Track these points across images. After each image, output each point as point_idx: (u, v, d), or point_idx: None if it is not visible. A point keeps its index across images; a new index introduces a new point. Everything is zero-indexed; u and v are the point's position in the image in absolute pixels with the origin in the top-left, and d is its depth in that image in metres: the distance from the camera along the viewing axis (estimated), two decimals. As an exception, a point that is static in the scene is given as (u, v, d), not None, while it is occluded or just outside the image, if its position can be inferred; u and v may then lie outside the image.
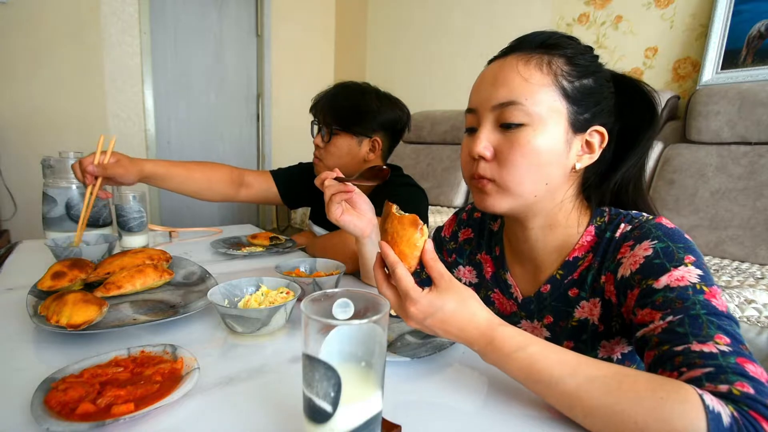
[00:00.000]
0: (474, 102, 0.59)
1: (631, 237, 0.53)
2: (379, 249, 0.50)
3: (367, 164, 1.16)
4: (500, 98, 0.54)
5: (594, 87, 0.55)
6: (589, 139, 0.56)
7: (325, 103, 1.12)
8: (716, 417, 0.35)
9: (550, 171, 0.55)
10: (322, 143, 1.12)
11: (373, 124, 1.13)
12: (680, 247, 0.49)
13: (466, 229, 0.78)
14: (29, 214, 2.50)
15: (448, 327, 0.48)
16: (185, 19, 3.08)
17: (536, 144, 0.53)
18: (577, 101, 0.54)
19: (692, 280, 0.46)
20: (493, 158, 0.56)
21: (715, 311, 0.43)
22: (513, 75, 0.54)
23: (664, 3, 1.91)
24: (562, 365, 0.43)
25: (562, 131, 0.54)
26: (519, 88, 0.53)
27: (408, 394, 0.49)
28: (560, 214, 0.59)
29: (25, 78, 2.51)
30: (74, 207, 1.02)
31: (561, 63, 0.54)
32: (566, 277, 0.60)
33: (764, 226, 1.43)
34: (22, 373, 0.49)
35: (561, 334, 0.61)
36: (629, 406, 0.38)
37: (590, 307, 0.58)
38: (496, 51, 0.62)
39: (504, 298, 0.68)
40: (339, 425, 0.33)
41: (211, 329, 0.64)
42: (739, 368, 0.39)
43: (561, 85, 0.53)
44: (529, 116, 0.53)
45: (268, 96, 3.41)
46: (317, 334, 0.33)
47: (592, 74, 0.55)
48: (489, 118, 0.56)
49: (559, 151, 0.54)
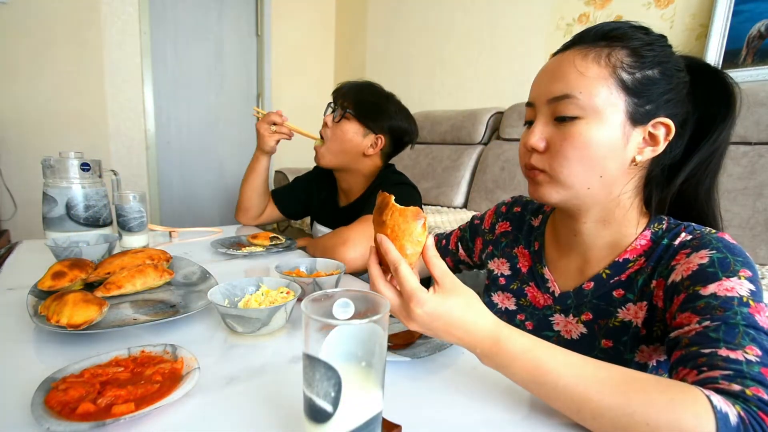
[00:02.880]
0: (532, 96, 0.60)
1: (690, 245, 0.53)
2: (375, 243, 0.47)
3: (364, 158, 1.17)
4: (555, 92, 0.55)
5: (659, 78, 0.53)
6: (653, 131, 0.54)
7: (350, 90, 1.17)
8: (724, 417, 0.35)
9: (605, 164, 0.54)
10: (331, 122, 1.16)
11: (383, 123, 1.18)
12: (739, 260, 0.48)
13: (504, 222, 0.78)
14: (29, 214, 2.50)
15: (453, 330, 0.45)
16: (185, 19, 3.08)
17: (589, 136, 0.53)
18: (638, 93, 0.53)
19: (741, 292, 0.45)
20: (546, 150, 0.57)
21: (755, 325, 0.42)
22: (569, 69, 0.54)
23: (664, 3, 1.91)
24: (569, 366, 0.42)
25: (618, 124, 0.53)
26: (574, 81, 0.54)
27: (408, 394, 0.49)
28: (617, 209, 0.59)
29: (25, 78, 2.50)
30: (74, 207, 1.02)
31: (622, 55, 0.53)
32: (613, 277, 0.59)
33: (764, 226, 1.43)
34: (22, 373, 0.49)
35: (599, 332, 0.60)
36: (640, 407, 0.38)
37: (636, 310, 0.57)
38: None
39: (539, 291, 0.68)
40: (339, 425, 0.33)
41: (211, 329, 0.64)
42: (760, 376, 0.38)
43: (619, 78, 0.52)
44: (582, 109, 0.53)
45: (268, 96, 3.41)
46: (317, 334, 0.33)
47: (658, 65, 0.53)
48: (545, 111, 0.57)
49: (614, 144, 0.53)
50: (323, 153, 1.18)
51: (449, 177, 2.43)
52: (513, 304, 0.71)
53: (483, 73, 2.58)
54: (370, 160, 1.20)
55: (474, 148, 2.44)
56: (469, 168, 2.40)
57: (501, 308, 0.73)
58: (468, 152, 2.43)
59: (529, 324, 0.68)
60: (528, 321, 0.68)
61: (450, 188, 2.39)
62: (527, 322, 0.68)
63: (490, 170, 2.22)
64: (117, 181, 1.19)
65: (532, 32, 2.34)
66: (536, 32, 2.32)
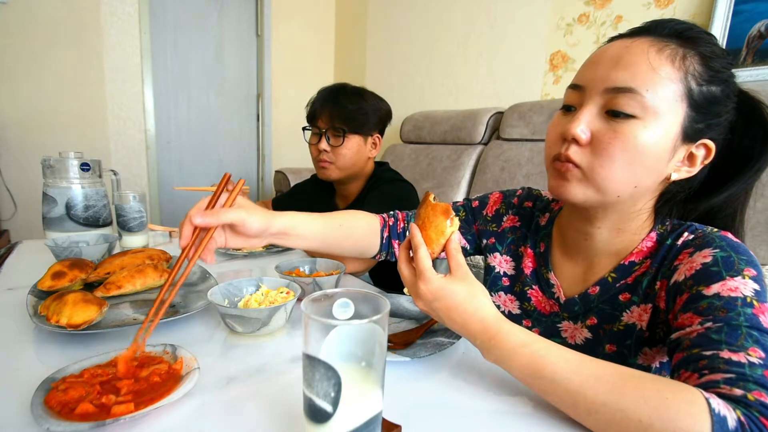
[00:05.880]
0: (584, 78, 0.53)
1: (692, 245, 0.51)
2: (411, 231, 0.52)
3: (369, 161, 1.19)
4: (618, 81, 0.49)
5: (719, 97, 0.50)
6: (695, 152, 0.51)
7: (332, 108, 1.13)
8: (721, 420, 0.35)
9: (645, 174, 0.50)
10: (329, 147, 1.13)
11: (374, 121, 1.18)
12: (743, 259, 0.46)
13: (514, 216, 0.73)
14: (29, 214, 2.49)
15: (453, 315, 0.49)
16: (185, 19, 3.07)
17: (642, 141, 0.48)
18: (698, 108, 0.49)
19: (745, 292, 0.43)
20: (588, 144, 0.51)
21: (759, 326, 0.41)
22: (641, 60, 0.48)
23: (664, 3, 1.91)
24: (566, 362, 0.42)
25: (672, 135, 0.49)
26: (643, 75, 0.48)
27: (408, 394, 0.49)
28: (633, 222, 0.56)
29: (25, 78, 2.50)
30: (74, 207, 1.02)
31: (695, 61, 0.48)
32: (619, 280, 0.57)
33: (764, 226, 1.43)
34: (22, 373, 0.49)
35: (604, 337, 0.59)
36: (634, 404, 0.38)
37: (640, 312, 0.55)
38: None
39: (543, 297, 0.65)
40: (339, 425, 0.33)
41: (211, 329, 0.63)
42: (763, 379, 0.37)
43: (688, 86, 0.48)
44: (643, 109, 0.48)
45: (268, 96, 3.41)
46: (317, 334, 0.33)
47: (722, 82, 0.50)
48: (597, 100, 0.51)
49: (661, 156, 0.49)
50: (332, 170, 1.17)
51: (449, 177, 2.43)
52: (517, 308, 0.69)
53: (483, 73, 2.58)
54: (372, 159, 1.22)
55: (474, 148, 2.44)
56: (469, 168, 2.40)
57: (504, 311, 0.70)
58: (468, 152, 2.43)
59: (536, 330, 0.65)
60: (535, 327, 0.66)
61: (450, 188, 2.39)
62: (534, 329, 0.66)
63: (490, 170, 2.22)
64: (117, 181, 1.19)
65: (532, 32, 2.34)
66: (536, 32, 2.32)
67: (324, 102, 1.15)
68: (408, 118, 2.84)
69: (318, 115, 1.15)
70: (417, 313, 0.70)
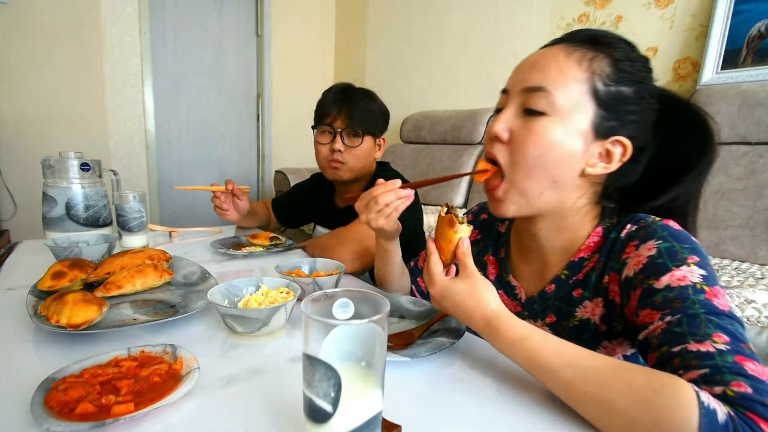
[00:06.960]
0: (508, 83, 0.59)
1: (637, 237, 0.53)
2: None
3: (374, 162, 1.22)
4: (530, 82, 0.54)
5: (631, 97, 0.53)
6: (611, 148, 0.54)
7: (349, 109, 1.12)
8: (710, 413, 0.35)
9: (560, 169, 0.54)
10: (344, 147, 1.12)
11: (382, 123, 1.19)
12: (685, 247, 0.48)
13: (474, 231, 0.78)
14: (29, 214, 2.49)
15: (458, 311, 0.54)
16: (185, 19, 3.07)
17: (552, 137, 0.52)
18: (608, 106, 0.52)
19: (693, 279, 0.45)
20: (508, 142, 0.56)
21: (715, 310, 0.43)
22: (550, 63, 0.54)
23: (664, 3, 1.91)
24: (560, 356, 0.45)
25: (581, 132, 0.53)
26: (551, 76, 0.53)
27: (408, 394, 0.49)
28: (569, 219, 0.59)
29: (25, 78, 2.50)
30: (74, 207, 1.02)
31: (604, 64, 0.52)
32: (571, 277, 0.60)
33: (764, 226, 1.42)
34: (22, 373, 0.49)
35: (563, 334, 0.60)
36: (620, 396, 0.39)
37: (593, 307, 0.58)
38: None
39: (508, 299, 0.69)
40: (339, 425, 0.33)
41: (211, 329, 0.64)
42: (736, 367, 0.38)
43: (594, 86, 0.52)
44: (552, 107, 0.52)
45: (268, 96, 3.41)
46: (317, 334, 0.33)
47: (635, 83, 0.53)
48: (516, 100, 0.56)
49: (573, 151, 0.53)
50: (344, 171, 1.15)
51: (449, 177, 2.43)
52: None
53: (483, 73, 2.58)
54: (375, 160, 1.23)
55: (474, 148, 2.44)
56: (468, 168, 2.40)
57: None
58: (468, 152, 2.43)
59: None
60: None
61: (450, 188, 2.39)
62: None
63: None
64: (117, 181, 1.19)
65: (532, 32, 2.34)
66: (536, 32, 2.32)
67: (340, 102, 1.12)
68: (408, 118, 2.84)
69: (332, 114, 1.12)
70: (417, 313, 0.71)
